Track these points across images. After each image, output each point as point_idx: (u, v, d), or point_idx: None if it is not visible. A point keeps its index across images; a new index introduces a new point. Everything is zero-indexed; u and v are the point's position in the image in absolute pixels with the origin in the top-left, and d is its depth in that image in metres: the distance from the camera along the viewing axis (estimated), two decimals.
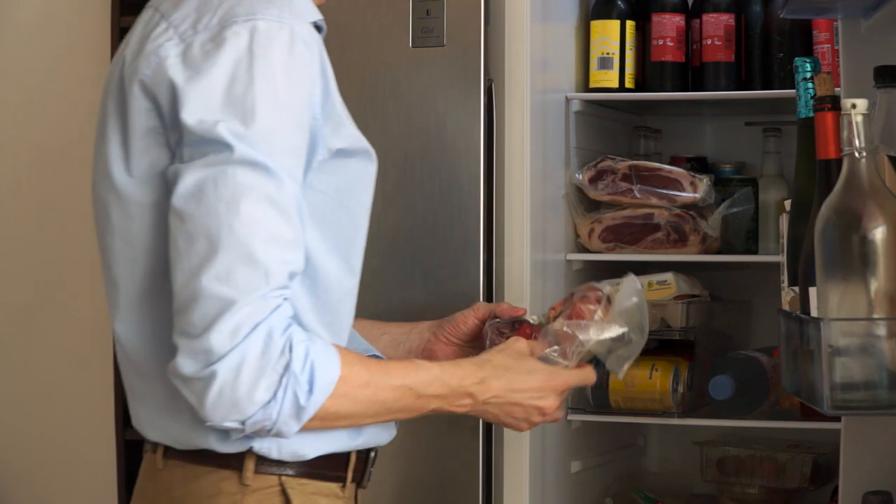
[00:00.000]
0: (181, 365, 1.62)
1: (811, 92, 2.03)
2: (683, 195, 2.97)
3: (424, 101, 2.77)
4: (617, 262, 2.97)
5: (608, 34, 3.02)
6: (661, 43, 3.03)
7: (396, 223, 2.72)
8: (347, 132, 1.78)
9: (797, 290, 1.96)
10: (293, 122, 1.68)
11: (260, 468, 1.74)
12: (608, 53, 3.02)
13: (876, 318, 1.74)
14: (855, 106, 1.75)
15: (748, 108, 3.20)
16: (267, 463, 1.74)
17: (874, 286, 1.73)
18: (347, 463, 1.82)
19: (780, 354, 2.09)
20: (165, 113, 1.68)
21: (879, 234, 1.73)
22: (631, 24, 3.04)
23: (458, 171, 2.75)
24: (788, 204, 2.13)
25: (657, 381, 2.91)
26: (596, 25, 3.04)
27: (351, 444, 1.81)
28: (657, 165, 3.02)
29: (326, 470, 1.79)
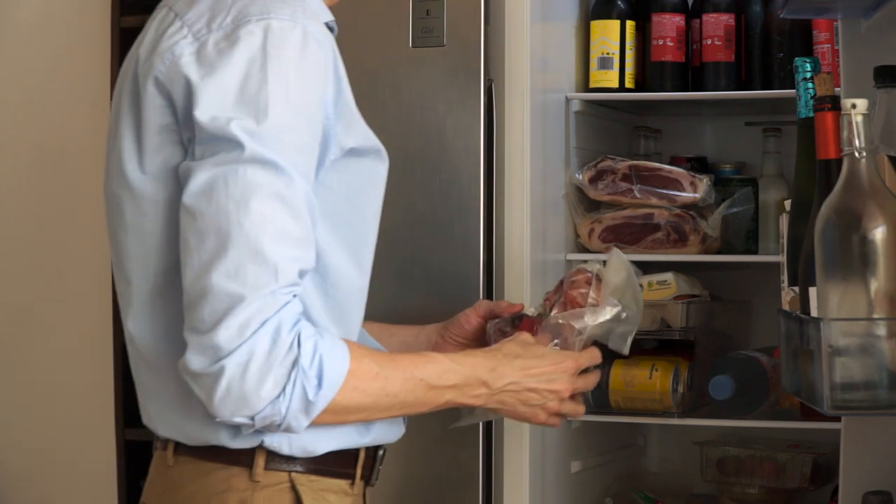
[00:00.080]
0: (190, 361, 1.63)
1: (811, 92, 2.03)
2: (683, 195, 2.97)
3: (424, 101, 2.77)
4: None
5: (608, 34, 3.02)
6: (661, 43, 3.03)
7: (396, 223, 2.71)
8: (360, 131, 1.79)
9: (797, 290, 1.95)
10: (305, 120, 1.68)
11: (270, 465, 1.75)
12: (608, 53, 3.01)
13: (876, 318, 1.74)
14: (855, 106, 1.75)
15: (748, 108, 3.19)
16: (277, 459, 1.75)
17: (874, 286, 1.73)
18: (357, 460, 1.83)
19: (780, 354, 2.09)
20: (179, 110, 1.69)
21: (879, 234, 1.73)
22: (631, 24, 3.03)
23: (458, 170, 2.75)
24: (788, 204, 2.12)
25: (657, 381, 2.90)
26: (596, 25, 3.03)
27: (360, 441, 1.82)
28: (657, 165, 3.02)
29: (336, 466, 1.80)
